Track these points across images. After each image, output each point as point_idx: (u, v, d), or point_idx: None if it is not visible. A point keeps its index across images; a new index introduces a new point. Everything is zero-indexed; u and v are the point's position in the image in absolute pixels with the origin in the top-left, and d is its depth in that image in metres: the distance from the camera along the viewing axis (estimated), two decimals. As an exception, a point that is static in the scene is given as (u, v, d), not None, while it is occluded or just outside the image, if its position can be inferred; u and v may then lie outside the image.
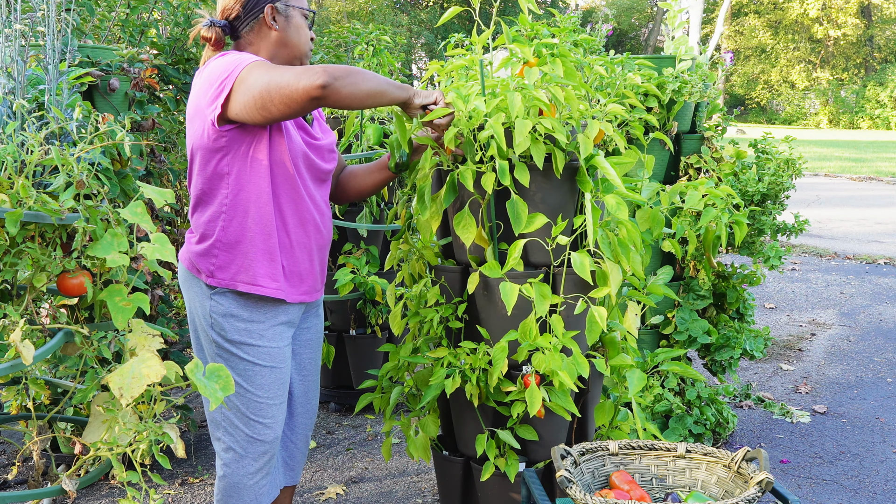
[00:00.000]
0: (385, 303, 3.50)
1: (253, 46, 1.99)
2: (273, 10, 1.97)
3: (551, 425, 2.13)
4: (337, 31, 4.10)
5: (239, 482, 2.01)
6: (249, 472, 2.01)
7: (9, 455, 3.21)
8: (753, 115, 33.96)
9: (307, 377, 2.18)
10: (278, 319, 1.98)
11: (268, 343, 1.97)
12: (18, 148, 1.58)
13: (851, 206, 10.70)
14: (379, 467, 3.15)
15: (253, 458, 2.00)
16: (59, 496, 1.90)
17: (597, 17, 24.52)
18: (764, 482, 1.72)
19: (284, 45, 1.99)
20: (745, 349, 3.22)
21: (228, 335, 1.94)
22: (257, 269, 1.92)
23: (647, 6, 32.23)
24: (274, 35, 1.98)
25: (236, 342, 1.94)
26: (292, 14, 2.00)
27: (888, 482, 3.02)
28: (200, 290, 1.95)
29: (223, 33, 1.99)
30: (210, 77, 1.85)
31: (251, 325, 1.95)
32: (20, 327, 1.46)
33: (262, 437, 1.99)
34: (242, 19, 1.97)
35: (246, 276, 1.92)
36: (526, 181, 1.94)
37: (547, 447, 2.14)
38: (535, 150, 1.92)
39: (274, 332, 1.98)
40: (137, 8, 3.21)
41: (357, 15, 23.51)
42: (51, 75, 1.84)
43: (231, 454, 2.00)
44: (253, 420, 1.98)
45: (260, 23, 1.97)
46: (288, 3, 1.99)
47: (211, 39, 1.97)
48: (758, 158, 3.17)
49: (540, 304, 1.96)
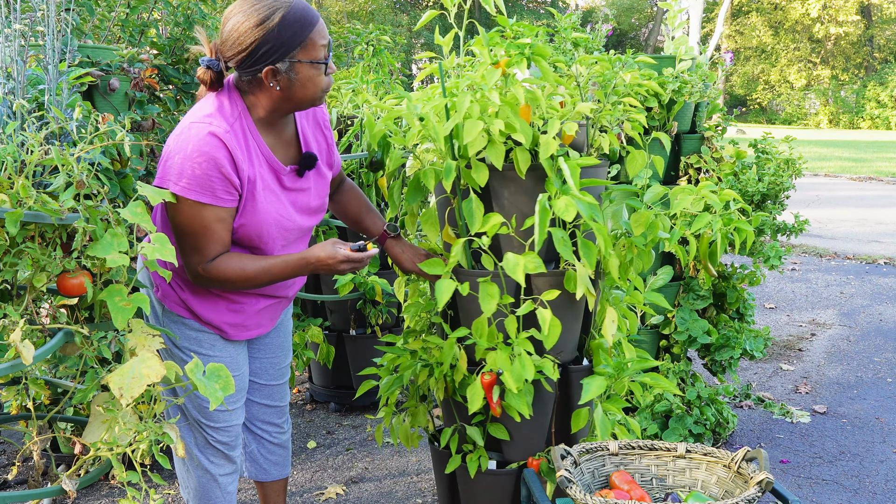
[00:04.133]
0: (385, 303, 3.50)
1: (252, 97, 1.82)
2: (273, 71, 1.75)
3: (527, 426, 2.14)
4: (337, 31, 4.10)
5: (207, 484, 2.03)
6: (213, 472, 2.02)
7: (9, 455, 3.21)
8: (753, 115, 33.95)
9: (273, 378, 2.17)
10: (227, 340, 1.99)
11: (219, 353, 1.95)
12: (18, 148, 1.58)
13: (851, 206, 10.70)
14: (379, 467, 3.15)
15: (212, 455, 2.01)
16: (59, 496, 1.90)
17: (597, 17, 24.52)
18: (764, 482, 1.72)
19: (287, 101, 1.81)
20: (745, 349, 3.22)
21: (178, 342, 1.93)
22: (207, 314, 1.91)
23: (647, 6, 32.22)
24: (275, 94, 1.79)
25: (186, 349, 1.92)
26: (299, 71, 1.76)
27: (888, 482, 3.02)
28: (152, 292, 1.94)
29: (220, 76, 1.81)
30: (161, 160, 1.78)
31: (201, 335, 1.93)
32: (20, 327, 1.46)
33: (215, 439, 2.00)
34: (240, 70, 1.79)
35: (191, 314, 1.91)
36: (482, 181, 1.96)
37: (521, 448, 2.16)
38: (491, 151, 1.94)
39: (225, 345, 1.97)
40: (137, 8, 3.21)
41: (357, 15, 23.49)
42: (51, 75, 1.84)
43: (189, 453, 2.01)
44: (205, 423, 1.98)
45: (258, 80, 1.78)
46: (293, 58, 1.75)
47: (206, 83, 1.81)
48: (758, 158, 3.17)
49: (485, 303, 1.97)
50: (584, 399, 1.99)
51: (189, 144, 1.73)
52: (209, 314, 1.91)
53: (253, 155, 1.81)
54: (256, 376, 2.13)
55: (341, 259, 1.84)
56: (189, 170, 1.72)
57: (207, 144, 1.73)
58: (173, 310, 1.91)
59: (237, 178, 1.77)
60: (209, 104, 1.80)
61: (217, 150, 1.73)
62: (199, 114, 1.79)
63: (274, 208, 1.85)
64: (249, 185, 1.80)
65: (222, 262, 1.79)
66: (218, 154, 1.73)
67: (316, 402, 3.84)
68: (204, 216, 1.75)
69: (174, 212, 1.76)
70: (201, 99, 1.84)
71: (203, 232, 1.76)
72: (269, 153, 1.85)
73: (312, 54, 1.76)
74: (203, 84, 1.82)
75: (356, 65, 3.65)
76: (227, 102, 1.80)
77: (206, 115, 1.77)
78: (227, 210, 1.79)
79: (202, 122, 1.75)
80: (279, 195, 1.87)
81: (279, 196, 1.87)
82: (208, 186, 1.74)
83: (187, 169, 1.72)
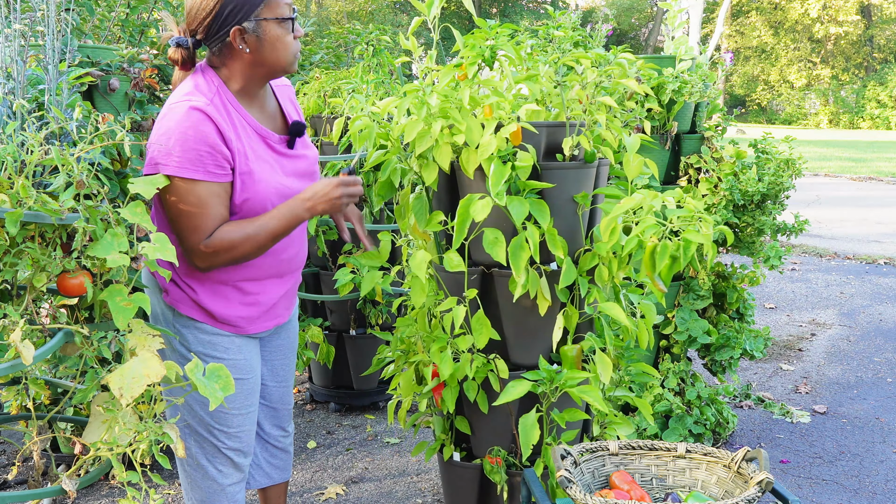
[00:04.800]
0: (385, 303, 3.51)
1: (226, 69, 1.82)
2: (240, 31, 1.77)
3: (485, 423, 2.18)
4: (337, 31, 4.10)
5: (214, 495, 1.98)
6: (221, 482, 1.97)
7: (9, 455, 3.21)
8: (753, 115, 33.95)
9: (281, 382, 2.16)
10: (243, 337, 1.95)
11: (234, 356, 1.92)
12: (18, 148, 1.58)
13: (851, 206, 10.70)
14: (379, 467, 3.15)
15: (221, 464, 1.96)
16: (59, 496, 1.90)
17: (597, 17, 24.53)
18: (764, 482, 1.72)
19: (260, 65, 1.81)
20: (745, 349, 3.22)
21: (192, 346, 1.89)
22: (222, 310, 1.88)
23: (647, 6, 32.22)
24: (246, 57, 1.80)
25: (199, 353, 1.89)
26: (265, 29, 1.78)
27: (888, 482, 3.02)
28: (161, 298, 1.91)
29: (191, 52, 1.82)
30: (148, 148, 1.76)
31: (215, 337, 1.90)
32: (20, 327, 1.46)
33: (226, 445, 1.95)
34: (208, 40, 1.80)
35: (206, 315, 1.88)
36: (430, 180, 2.03)
37: (485, 443, 2.21)
38: (437, 151, 1.98)
39: (241, 342, 1.94)
40: (137, 8, 3.21)
41: (357, 15, 23.51)
42: (51, 75, 1.84)
43: (196, 462, 1.96)
44: (216, 428, 1.93)
45: (228, 46, 1.79)
46: (258, 16, 1.76)
47: (178, 62, 1.82)
48: (758, 158, 3.17)
49: (414, 297, 2.08)
50: (499, 401, 2.01)
51: (172, 123, 1.73)
52: (224, 310, 1.88)
53: (238, 128, 1.81)
54: (265, 378, 2.12)
55: (336, 184, 1.85)
56: (177, 148, 1.71)
57: (189, 119, 1.72)
58: (186, 313, 1.88)
59: (227, 149, 1.76)
60: (185, 85, 1.81)
61: (202, 123, 1.73)
62: (177, 95, 1.79)
63: (273, 178, 1.85)
64: (241, 157, 1.79)
65: (221, 231, 1.77)
66: (204, 127, 1.73)
67: (316, 402, 3.84)
68: (198, 192, 1.74)
69: (167, 193, 1.74)
70: (178, 84, 1.84)
71: (199, 209, 1.75)
72: (255, 123, 1.85)
73: (277, 11, 1.78)
74: (175, 64, 1.83)
75: (356, 65, 3.65)
76: (202, 80, 1.81)
77: (184, 94, 1.78)
78: (222, 185, 1.78)
79: (181, 101, 1.75)
80: (273, 165, 1.87)
81: (273, 166, 1.87)
82: (199, 162, 1.73)
83: (175, 147, 1.71)
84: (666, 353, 3.22)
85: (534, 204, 1.94)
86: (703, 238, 1.82)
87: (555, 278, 2.06)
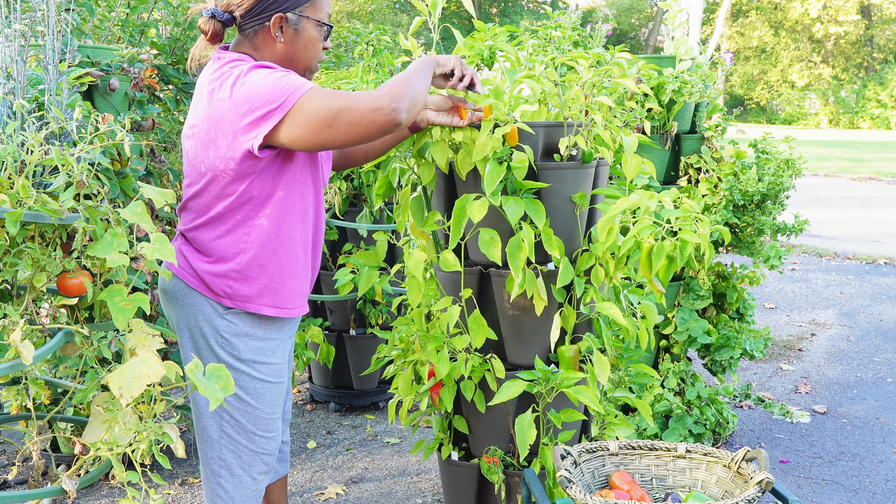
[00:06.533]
0: (385, 303, 3.51)
1: (257, 52, 1.80)
2: (282, 19, 1.76)
3: (482, 423, 2.19)
4: (337, 31, 4.10)
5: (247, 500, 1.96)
6: (253, 489, 1.96)
7: (9, 455, 3.21)
8: (753, 115, 33.95)
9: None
10: (287, 334, 1.94)
11: (277, 360, 1.92)
12: (18, 148, 1.58)
13: (851, 206, 10.70)
14: (379, 467, 3.15)
15: (256, 471, 1.95)
16: (59, 496, 1.91)
17: (597, 17, 24.52)
18: (764, 482, 1.72)
19: (289, 60, 1.80)
20: (745, 349, 3.22)
21: (242, 354, 1.86)
22: (283, 293, 1.85)
23: (647, 6, 32.23)
24: (279, 48, 1.79)
25: (249, 361, 1.86)
26: (304, 27, 1.79)
27: (888, 482, 3.02)
28: (209, 307, 1.84)
29: (223, 27, 1.80)
30: (247, 99, 1.67)
31: (265, 343, 1.88)
32: (20, 327, 1.46)
33: (265, 450, 1.95)
34: (248, 19, 1.78)
35: (270, 300, 1.84)
36: (427, 179, 2.05)
37: (482, 443, 2.21)
38: (435, 150, 1.98)
39: (283, 347, 1.94)
40: (137, 8, 3.21)
41: (357, 15, 23.52)
42: (51, 75, 1.84)
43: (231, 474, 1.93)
44: (258, 435, 1.92)
45: (265, 31, 1.78)
46: (302, 12, 1.77)
47: (208, 33, 1.79)
48: (758, 158, 3.17)
49: (410, 294, 2.10)
50: (494, 401, 2.01)
51: (245, 69, 1.68)
52: (294, 282, 1.85)
53: None
54: None
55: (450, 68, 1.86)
56: (270, 77, 1.66)
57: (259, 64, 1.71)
58: (255, 310, 1.83)
59: None
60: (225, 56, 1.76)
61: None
62: (224, 61, 1.74)
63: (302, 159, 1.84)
64: None
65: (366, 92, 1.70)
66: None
67: (316, 402, 3.84)
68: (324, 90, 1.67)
69: (302, 110, 1.64)
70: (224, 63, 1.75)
71: (335, 91, 1.68)
72: None
73: (319, 14, 1.80)
74: (203, 34, 1.80)
75: (356, 65, 3.65)
76: (236, 55, 1.78)
77: (233, 58, 1.74)
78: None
79: (237, 60, 1.73)
80: None
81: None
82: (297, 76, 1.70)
83: (268, 79, 1.66)
84: (666, 353, 3.22)
85: (529, 204, 1.94)
86: (700, 238, 1.82)
87: (552, 278, 2.06)
